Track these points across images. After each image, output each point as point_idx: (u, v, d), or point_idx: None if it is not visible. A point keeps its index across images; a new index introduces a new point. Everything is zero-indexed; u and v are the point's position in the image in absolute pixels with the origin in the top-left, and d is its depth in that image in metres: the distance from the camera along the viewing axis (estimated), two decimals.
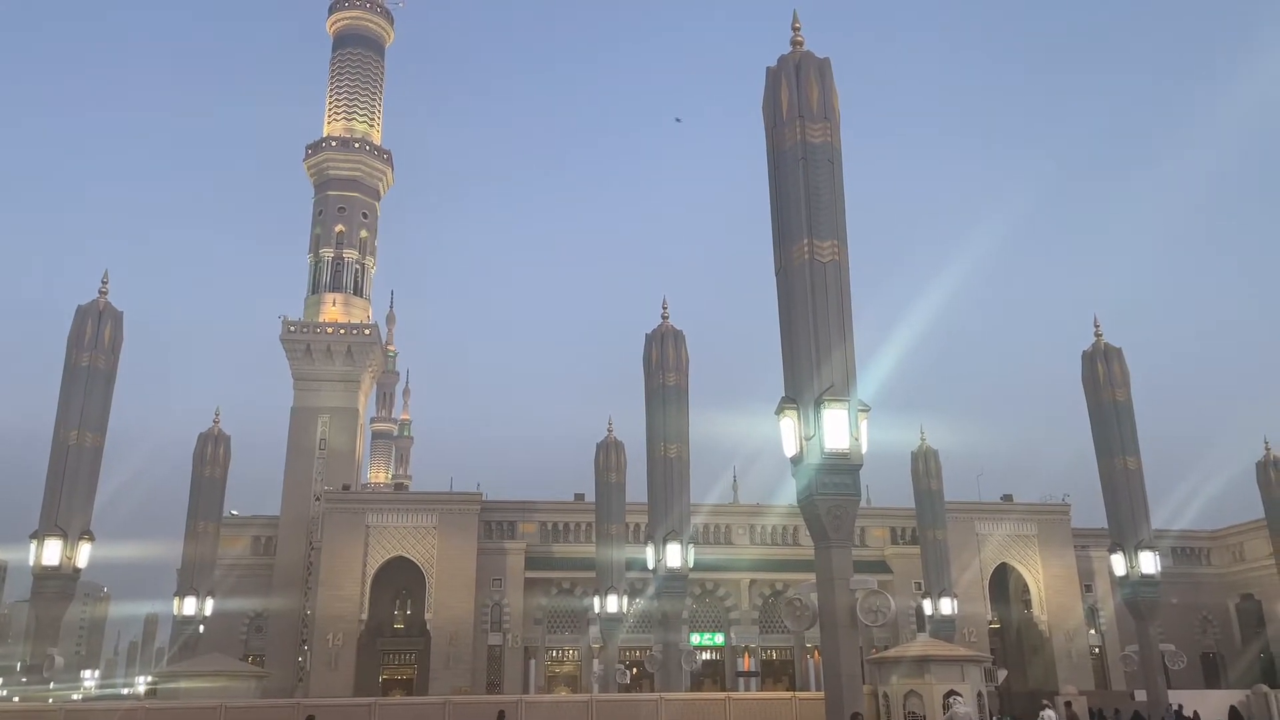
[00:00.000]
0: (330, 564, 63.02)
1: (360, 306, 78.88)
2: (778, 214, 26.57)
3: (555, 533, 70.05)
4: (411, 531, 64.44)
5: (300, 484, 72.07)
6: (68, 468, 36.45)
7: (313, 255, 79.30)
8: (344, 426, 74.91)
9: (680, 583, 41.73)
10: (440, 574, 63.60)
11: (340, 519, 64.20)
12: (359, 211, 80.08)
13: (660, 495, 42.63)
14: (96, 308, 38.91)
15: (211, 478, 55.58)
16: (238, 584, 66.70)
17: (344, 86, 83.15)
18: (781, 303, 25.93)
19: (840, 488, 23.53)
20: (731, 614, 69.40)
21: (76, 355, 38.09)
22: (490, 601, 65.44)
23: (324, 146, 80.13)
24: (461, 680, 60.40)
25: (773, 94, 27.06)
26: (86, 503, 36.60)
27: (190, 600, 52.78)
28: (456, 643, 62.26)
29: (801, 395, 24.25)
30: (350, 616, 61.94)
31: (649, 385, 44.59)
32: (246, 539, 70.97)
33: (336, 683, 59.40)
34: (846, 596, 23.46)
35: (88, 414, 37.45)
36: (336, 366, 75.02)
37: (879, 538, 71.83)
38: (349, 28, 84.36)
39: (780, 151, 26.66)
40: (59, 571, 35.39)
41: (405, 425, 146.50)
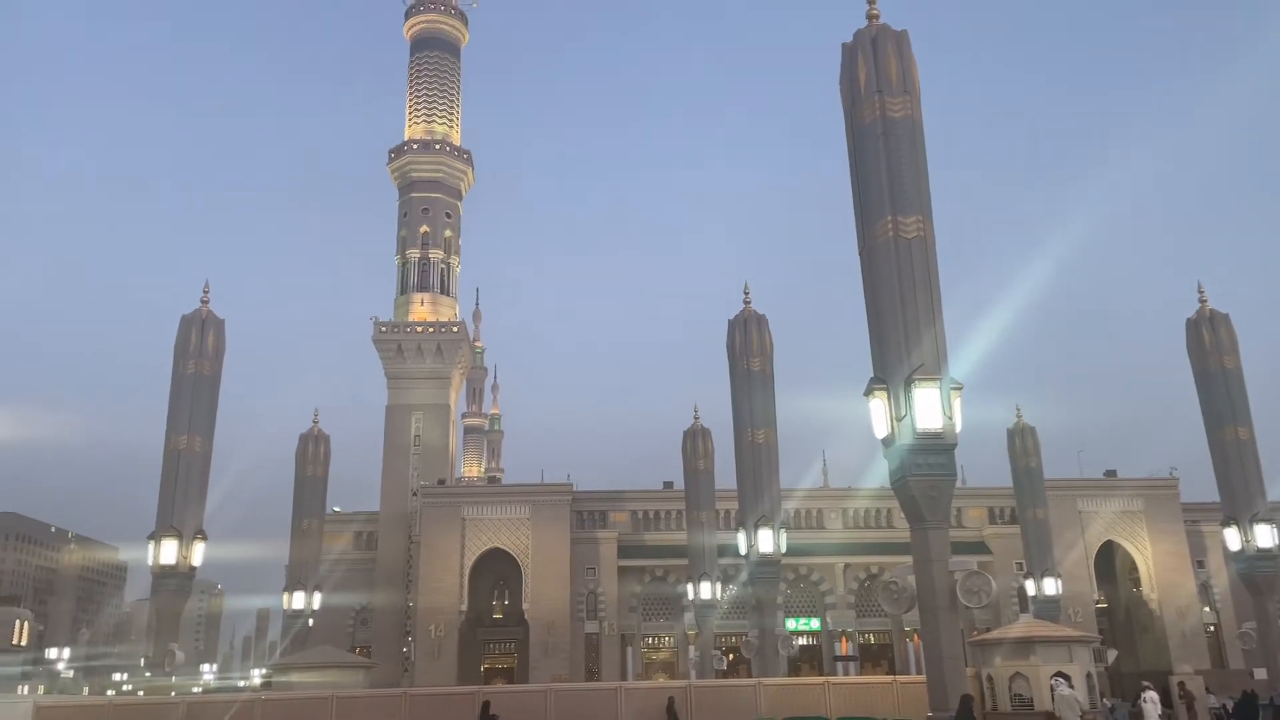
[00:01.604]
0: (429, 557, 64.55)
1: (447, 305, 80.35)
2: (859, 192, 26.13)
3: (646, 521, 70.45)
4: (506, 523, 65.54)
5: (398, 480, 73.91)
6: (179, 471, 38.04)
7: (400, 257, 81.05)
8: (437, 422, 76.49)
9: (773, 568, 41.53)
10: (535, 564, 64.56)
11: (437, 513, 65.67)
12: (442, 212, 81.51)
13: (750, 481, 42.44)
14: (199, 316, 40.45)
15: (313, 476, 57.45)
16: (343, 579, 68.82)
17: (423, 89, 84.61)
18: (866, 282, 25.51)
19: (935, 468, 23.08)
20: (827, 598, 68.79)
21: (183, 363, 39.67)
22: (585, 590, 66.19)
23: (406, 150, 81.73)
24: (560, 668, 61.26)
25: (849, 70, 26.57)
26: (198, 504, 38.18)
27: (299, 595, 54.71)
28: (554, 631, 63.16)
29: (891, 375, 23.84)
30: (450, 608, 63.37)
31: (734, 371, 44.37)
32: (349, 535, 73.14)
33: (440, 672, 60.87)
34: (945, 578, 23.04)
35: (195, 419, 39.01)
36: (427, 364, 76.62)
37: (976, 518, 70.28)
38: (425, 31, 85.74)
39: (859, 128, 26.19)
40: (176, 570, 37.01)
41: (495, 419, 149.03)
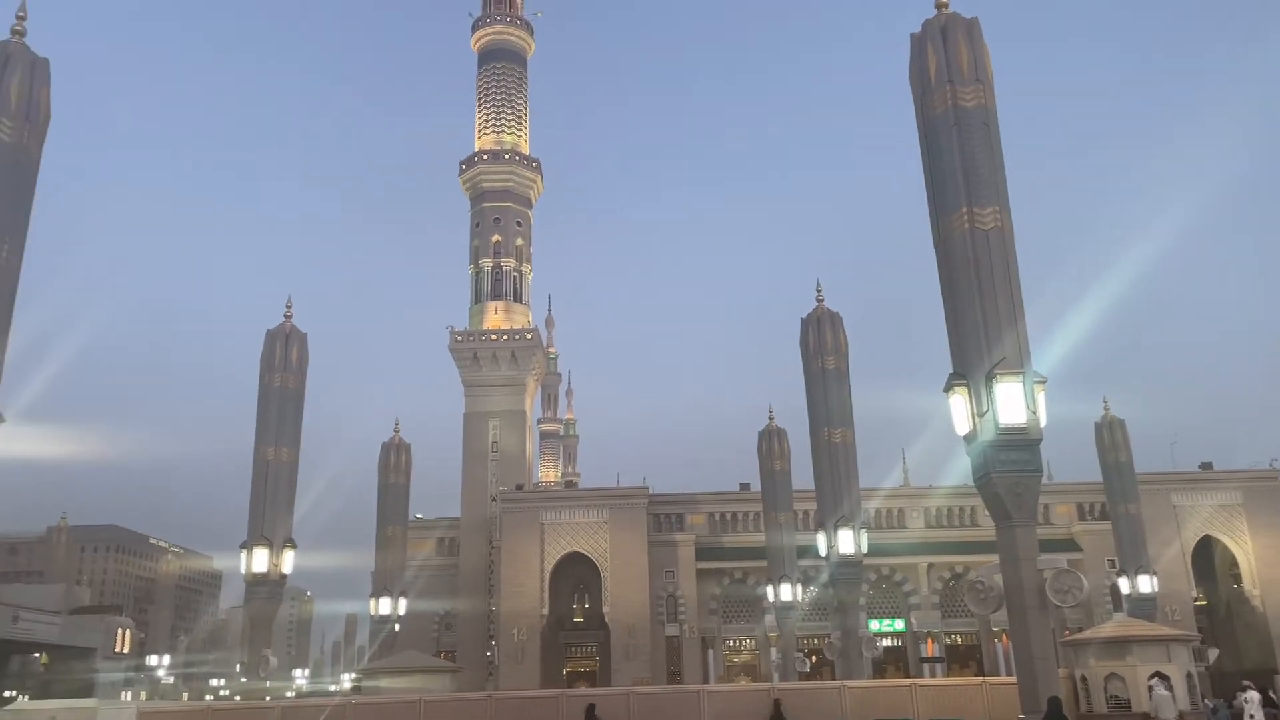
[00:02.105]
0: (510, 562, 65.33)
1: (520, 312, 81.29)
2: (932, 184, 25.65)
3: (723, 523, 70.23)
4: (584, 527, 65.98)
5: (477, 486, 75.02)
6: (268, 482, 39.14)
7: (473, 266, 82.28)
8: (513, 429, 77.43)
9: (855, 569, 40.94)
10: (614, 567, 64.85)
11: (516, 518, 66.44)
12: (513, 220, 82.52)
13: (827, 481, 41.92)
14: (283, 331, 41.58)
15: (396, 484, 58.53)
16: (427, 584, 70.07)
17: (491, 100, 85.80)
18: (943, 275, 25.01)
19: (1019, 464, 22.49)
20: (910, 599, 67.67)
21: (269, 376, 40.80)
22: (664, 593, 66.24)
23: (476, 161, 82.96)
24: (642, 671, 61.39)
25: (919, 60, 26.11)
26: (287, 513, 39.23)
27: (385, 601, 55.79)
28: (635, 634, 63.34)
29: (971, 370, 23.34)
30: (532, 612, 64.02)
31: (808, 370, 43.90)
32: (432, 541, 74.46)
33: (523, 676, 61.54)
34: (1034, 577, 22.44)
35: (282, 431, 40.07)
36: (502, 372, 77.62)
37: (1064, 514, 68.42)
38: (492, 43, 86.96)
39: (931, 119, 25.71)
40: (267, 578, 38.07)
41: (570, 425, 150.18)
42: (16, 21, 24.17)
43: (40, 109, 23.98)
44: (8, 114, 23.09)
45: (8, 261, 22.66)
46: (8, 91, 23.20)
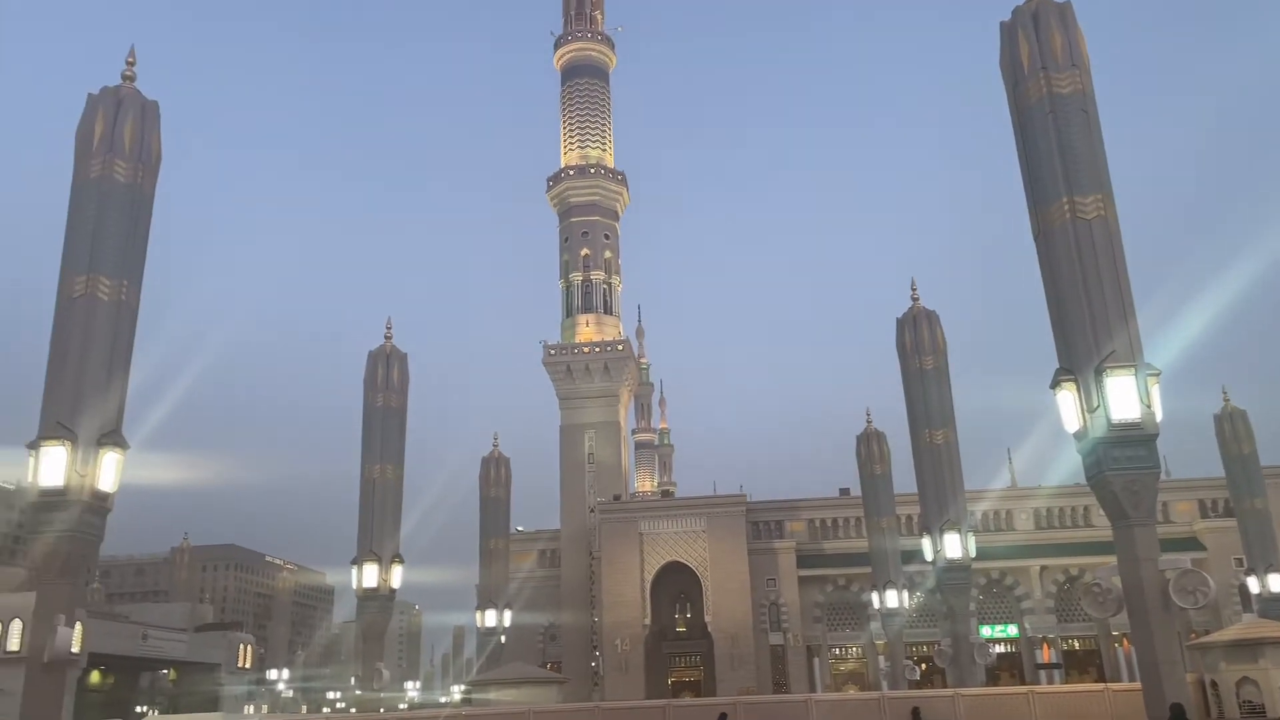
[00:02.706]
0: (610, 572, 65.69)
1: (611, 324, 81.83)
2: (1030, 175, 24.89)
3: (824, 529, 69.33)
4: (682, 536, 65.91)
5: (575, 498, 75.70)
6: (375, 499, 40.18)
7: (564, 281, 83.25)
8: (609, 440, 77.92)
9: (963, 574, 39.83)
10: (714, 576, 64.59)
11: (615, 529, 66.79)
12: (601, 234, 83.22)
13: (930, 484, 40.95)
14: (384, 351, 42.73)
15: (496, 498, 59.48)
16: (531, 596, 70.96)
17: (575, 116, 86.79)
18: (1044, 268, 24.23)
19: (1135, 461, 21.58)
20: (1023, 604, 65.54)
21: (372, 396, 41.93)
22: (766, 601, 65.66)
23: (563, 176, 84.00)
24: (747, 680, 60.91)
25: (1010, 49, 25.42)
26: (394, 529, 40.22)
27: (490, 613, 56.67)
28: (738, 643, 62.93)
29: (1079, 365, 22.52)
30: (634, 622, 64.20)
31: (906, 370, 43.02)
32: (534, 553, 75.40)
33: (628, 686, 61.72)
34: (1155, 578, 21.49)
35: (387, 449, 41.11)
36: (596, 384, 78.23)
37: (1185, 512, 65.36)
38: (575, 60, 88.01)
39: (1025, 108, 24.98)
40: (377, 593, 39.06)
41: (664, 434, 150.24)
42: (127, 67, 25.48)
43: (152, 150, 25.20)
44: (122, 156, 24.33)
45: (127, 298, 23.84)
46: (122, 135, 24.44)
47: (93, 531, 21.96)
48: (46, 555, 21.47)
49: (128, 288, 23.83)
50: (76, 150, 24.42)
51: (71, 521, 21.33)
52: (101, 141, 24.18)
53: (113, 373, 23.00)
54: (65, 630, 21.02)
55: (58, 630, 20.87)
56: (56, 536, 21.28)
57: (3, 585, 55.83)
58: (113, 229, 23.73)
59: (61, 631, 20.94)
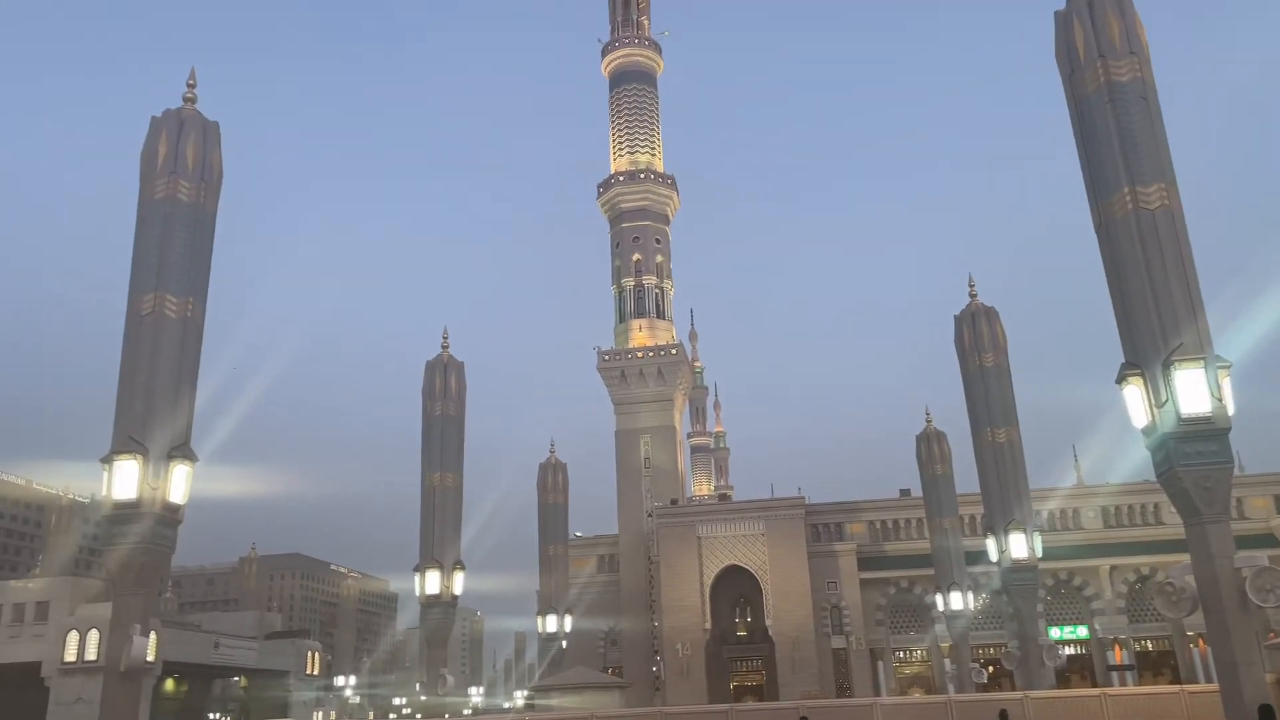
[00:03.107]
0: (669, 577, 65.62)
1: (664, 328, 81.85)
2: (1089, 165, 24.33)
3: (885, 531, 68.53)
4: (741, 540, 65.60)
5: (632, 503, 75.79)
6: (436, 507, 40.66)
7: (616, 286, 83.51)
8: (664, 444, 77.91)
9: (1029, 574, 39.02)
10: (774, 580, 64.17)
11: (673, 533, 66.71)
12: (652, 238, 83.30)
13: (993, 483, 40.21)
14: (441, 361, 43.26)
15: (555, 504, 59.84)
16: (591, 601, 71.23)
17: (624, 121, 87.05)
18: (1106, 261, 23.64)
19: (1206, 456, 20.93)
20: (1093, 604, 64.05)
21: (430, 405, 42.46)
22: (827, 604, 65.06)
23: (613, 183, 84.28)
24: (809, 684, 60.41)
25: (1065, 37, 24.88)
26: (455, 536, 40.64)
27: (551, 619, 57.02)
28: (800, 647, 62.43)
29: (1145, 358, 21.93)
30: (694, 626, 64.04)
31: (965, 369, 42.33)
32: (593, 558, 75.69)
33: (690, 691, 61.56)
34: (1231, 576, 20.81)
35: (446, 457, 41.57)
36: (650, 388, 78.28)
37: (1261, 508, 63.32)
38: (623, 66, 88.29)
39: (1082, 98, 24.42)
40: (439, 599, 39.48)
41: (720, 437, 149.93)
42: (188, 89, 26.15)
43: (214, 170, 25.82)
44: (185, 176, 24.96)
45: (193, 315, 24.45)
46: (185, 155, 25.08)
47: (165, 543, 22.51)
48: (121, 566, 22.05)
49: (193, 304, 24.43)
50: (141, 172, 25.09)
51: (144, 533, 21.89)
52: (165, 163, 24.83)
53: (181, 388, 23.58)
54: (140, 639, 21.56)
55: (133, 640, 21.42)
56: (130, 548, 21.85)
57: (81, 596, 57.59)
58: (178, 248, 24.34)
59: (137, 641, 21.49)
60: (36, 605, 57.53)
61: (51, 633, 55.87)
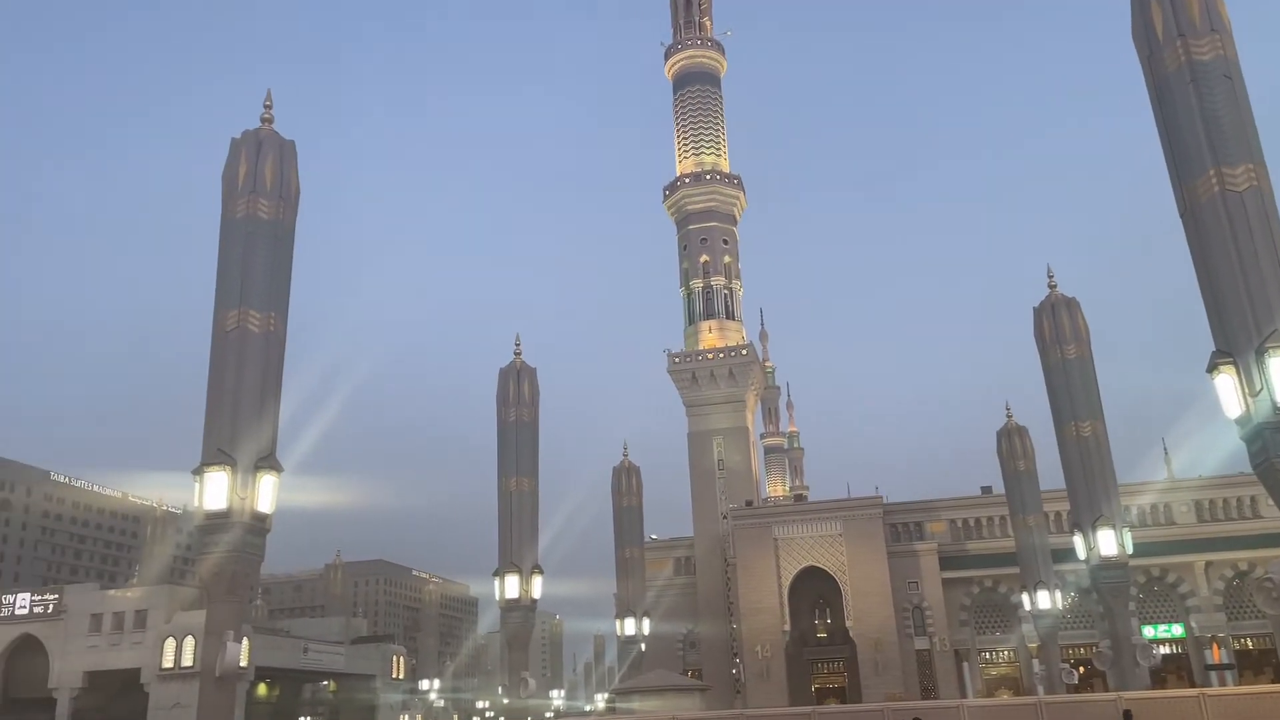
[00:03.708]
0: (746, 579, 65.30)
1: (734, 329, 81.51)
2: (1171, 148, 23.52)
3: (966, 529, 67.19)
4: (818, 541, 64.95)
5: (707, 505, 75.61)
6: (513, 512, 41.13)
7: (684, 288, 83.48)
8: (737, 445, 77.58)
9: (1120, 572, 37.82)
10: (853, 580, 63.39)
11: (749, 534, 66.37)
12: (719, 239, 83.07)
13: (1079, 479, 39.09)
14: (515, 368, 43.77)
15: (630, 507, 60.01)
16: (668, 604, 71.28)
17: (689, 123, 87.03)
18: (1193, 246, 22.82)
19: None
20: (1188, 601, 61.84)
21: (504, 411, 42.94)
22: (909, 605, 64.05)
23: (679, 185, 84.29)
24: (893, 686, 59.51)
25: (1142, 17, 24.11)
26: (533, 540, 41.04)
27: (630, 622, 57.18)
28: (882, 649, 61.55)
29: (1237, 346, 21.10)
30: (773, 628, 63.60)
31: (1046, 361, 41.25)
32: (669, 561, 75.72)
33: (771, 693, 61.14)
34: None
35: (521, 462, 42.00)
36: (721, 389, 78.02)
37: None
38: (687, 67, 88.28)
39: (1162, 79, 23.63)
40: (519, 603, 39.88)
41: (794, 437, 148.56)
42: (265, 110, 26.95)
43: (291, 187, 26.56)
44: (265, 194, 25.72)
45: (275, 329, 25.17)
46: (263, 174, 25.85)
47: (254, 551, 23.20)
48: (213, 574, 22.80)
49: (275, 319, 25.14)
50: (223, 192, 25.94)
51: (234, 542, 22.60)
52: (245, 182, 25.62)
53: (265, 400, 24.29)
54: (234, 645, 22.25)
55: (227, 646, 22.12)
56: (221, 556, 22.58)
57: (177, 604, 59.64)
58: (259, 264, 25.09)
59: (230, 647, 22.18)
60: (135, 613, 59.72)
61: (150, 640, 57.94)
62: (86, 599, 62.16)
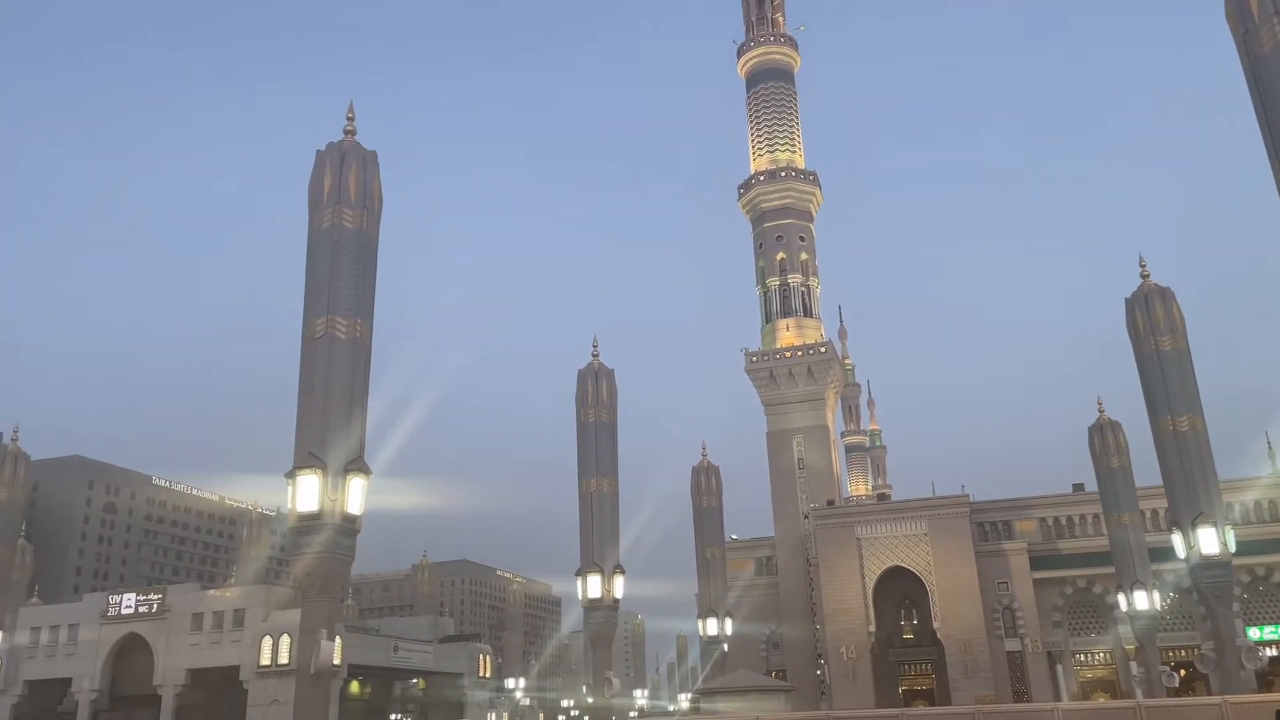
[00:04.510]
0: (829, 579, 64.55)
1: (812, 327, 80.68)
2: (1269, 127, 22.57)
3: (1057, 528, 65.31)
4: (903, 540, 63.86)
5: (787, 504, 74.97)
6: (593, 512, 41.44)
7: (760, 287, 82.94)
8: (817, 444, 76.74)
9: (1222, 571, 36.35)
10: (940, 581, 62.16)
11: (831, 534, 65.60)
12: (796, 236, 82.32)
13: (1177, 475, 37.68)
14: (593, 369, 44.11)
15: (710, 507, 59.89)
16: (750, 604, 70.88)
17: (763, 120, 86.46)
18: None
19: None
20: None
21: (583, 412, 43.30)
22: (999, 606, 62.54)
23: (754, 183, 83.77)
24: (983, 689, 58.17)
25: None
26: (614, 540, 41.29)
27: (712, 622, 57.07)
28: (971, 650, 60.22)
29: None
30: (858, 629, 62.74)
31: (1140, 354, 39.88)
32: (750, 561, 75.32)
33: (857, 695, 60.33)
34: None
35: (601, 463, 42.31)
36: (800, 388, 77.28)
37: None
38: (760, 64, 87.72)
39: (1258, 58, 22.73)
40: (601, 603, 40.18)
41: (875, 435, 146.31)
42: (347, 122, 27.68)
43: (374, 197, 27.23)
44: (349, 204, 26.43)
45: (361, 335, 25.82)
46: (347, 184, 26.56)
47: (345, 551, 23.84)
48: (307, 575, 23.50)
49: (361, 325, 25.79)
50: (309, 203, 26.70)
51: (326, 543, 23.25)
52: (330, 193, 26.35)
53: (353, 405, 24.92)
54: (327, 644, 22.90)
55: (321, 644, 22.78)
56: (314, 557, 23.25)
57: (273, 604, 61.52)
58: (345, 272, 25.76)
59: (324, 645, 22.84)
60: (234, 613, 61.76)
61: (247, 638, 59.87)
62: (188, 599, 64.55)
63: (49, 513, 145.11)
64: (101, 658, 63.26)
